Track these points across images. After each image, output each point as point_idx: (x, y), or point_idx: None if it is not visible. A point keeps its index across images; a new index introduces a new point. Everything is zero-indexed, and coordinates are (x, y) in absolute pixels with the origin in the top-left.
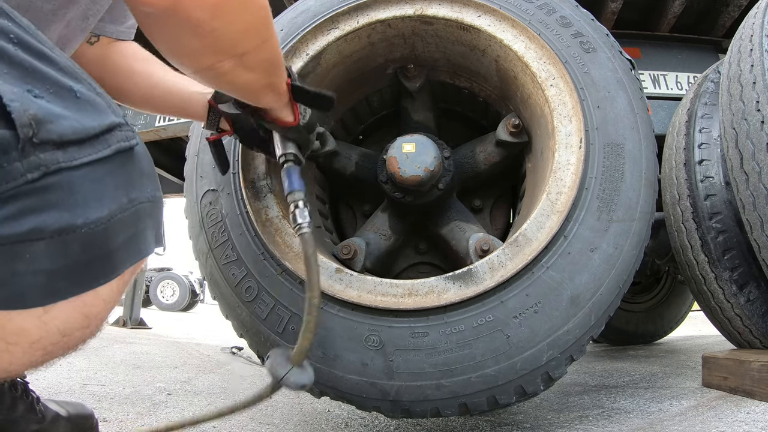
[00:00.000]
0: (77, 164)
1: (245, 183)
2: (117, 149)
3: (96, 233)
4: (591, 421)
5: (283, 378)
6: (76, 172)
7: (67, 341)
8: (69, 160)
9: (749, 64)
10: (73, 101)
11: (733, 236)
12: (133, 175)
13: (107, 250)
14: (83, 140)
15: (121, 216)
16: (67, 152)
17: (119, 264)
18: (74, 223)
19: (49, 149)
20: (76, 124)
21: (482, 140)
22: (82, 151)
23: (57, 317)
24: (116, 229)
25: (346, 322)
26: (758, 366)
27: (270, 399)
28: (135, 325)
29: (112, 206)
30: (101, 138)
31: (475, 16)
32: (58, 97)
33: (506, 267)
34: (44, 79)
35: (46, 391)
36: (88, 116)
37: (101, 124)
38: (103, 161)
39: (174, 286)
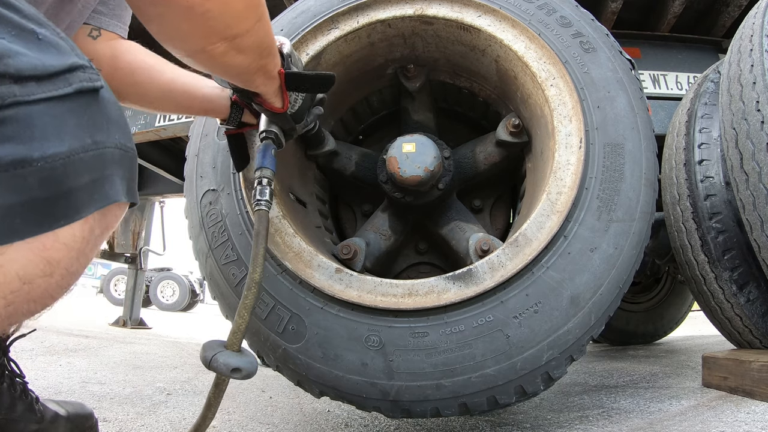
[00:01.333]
0: (35, 99)
1: (245, 183)
2: (79, 88)
3: (54, 168)
4: (591, 421)
5: (211, 359)
6: (33, 107)
7: (29, 290)
8: (26, 95)
9: (749, 64)
10: (35, 42)
11: (733, 236)
12: (97, 118)
13: (66, 188)
14: (42, 76)
15: (83, 156)
16: (24, 87)
17: (81, 205)
18: (30, 155)
19: (6, 83)
20: (36, 62)
21: (482, 140)
22: (40, 87)
23: (14, 260)
24: (77, 168)
25: (346, 322)
26: (758, 366)
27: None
28: (135, 325)
29: (73, 144)
30: (62, 77)
31: (475, 16)
32: (19, 38)
33: (506, 267)
34: (6, 22)
35: (46, 391)
36: (49, 56)
37: (63, 63)
38: (63, 99)
39: (174, 286)
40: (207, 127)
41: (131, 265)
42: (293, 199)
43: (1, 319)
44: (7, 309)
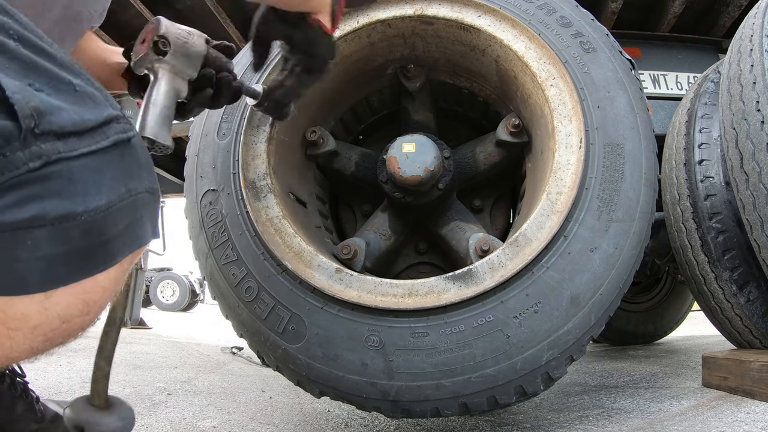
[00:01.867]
0: (77, 154)
1: (245, 183)
2: (115, 141)
3: (95, 221)
4: (591, 421)
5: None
6: (75, 162)
7: (66, 327)
8: (69, 151)
9: (749, 64)
10: (72, 94)
11: (733, 236)
12: (130, 167)
13: (106, 238)
14: (82, 131)
15: (120, 205)
16: (67, 143)
17: (117, 251)
18: (75, 210)
19: (50, 140)
20: (76, 116)
21: (482, 140)
22: (81, 142)
23: (58, 303)
24: (115, 218)
25: (346, 322)
26: (758, 366)
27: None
28: (135, 325)
29: (111, 195)
30: (100, 130)
31: (475, 16)
32: (57, 90)
33: (506, 267)
34: (44, 73)
35: (46, 391)
36: (87, 109)
37: (99, 117)
38: (101, 152)
39: (174, 286)
40: (207, 127)
41: None
42: (293, 199)
43: (37, 351)
44: (44, 344)
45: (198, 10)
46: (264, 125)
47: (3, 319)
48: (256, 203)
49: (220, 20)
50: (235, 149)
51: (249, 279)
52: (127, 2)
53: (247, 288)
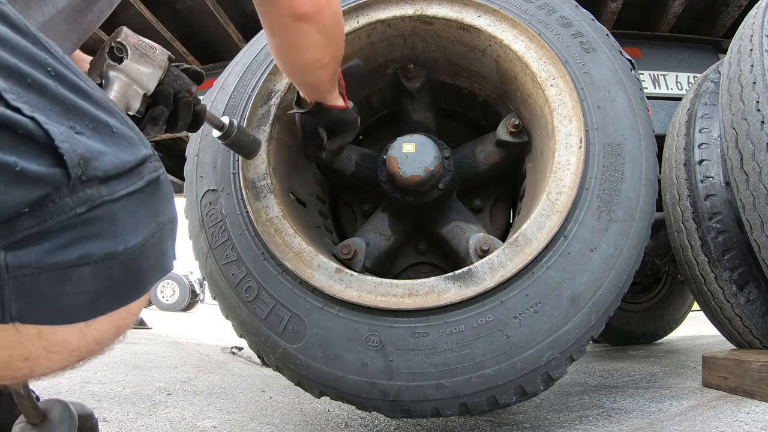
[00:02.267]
0: (117, 197)
1: (245, 183)
2: (148, 180)
3: (134, 258)
4: (591, 421)
5: None
6: (116, 204)
7: (99, 348)
8: (111, 194)
9: (749, 64)
10: (110, 136)
11: (733, 236)
12: (160, 202)
13: (141, 271)
14: (121, 174)
15: (152, 240)
16: (109, 186)
17: (149, 282)
18: (116, 250)
19: (95, 185)
20: (116, 160)
21: (482, 140)
22: (120, 185)
23: (96, 329)
24: (148, 253)
25: (346, 322)
26: (758, 366)
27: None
28: (135, 325)
29: (146, 233)
30: (136, 170)
31: (475, 16)
32: (97, 132)
33: (506, 267)
34: (83, 114)
35: (46, 391)
36: (124, 151)
37: (135, 158)
38: (137, 192)
39: (174, 286)
40: (207, 128)
41: None
42: (293, 199)
43: (69, 368)
44: (77, 362)
45: (198, 10)
46: (264, 125)
47: (45, 345)
48: (256, 203)
49: (220, 20)
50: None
51: (249, 279)
52: (126, 2)
53: (247, 288)
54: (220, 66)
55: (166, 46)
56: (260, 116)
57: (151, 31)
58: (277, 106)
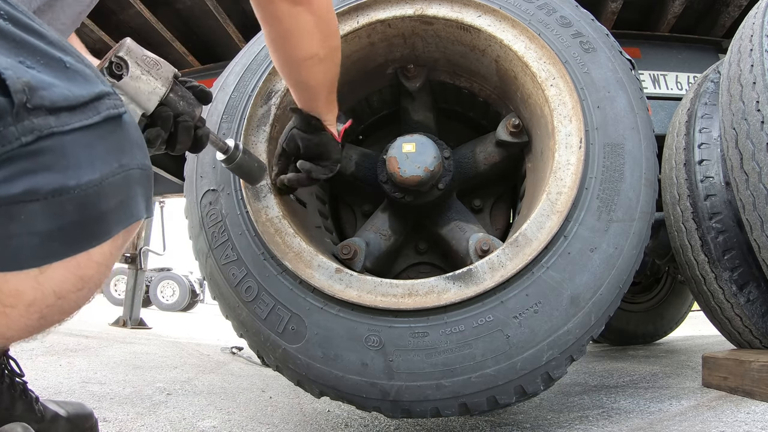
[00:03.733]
0: (69, 129)
1: (245, 183)
2: (106, 116)
3: (88, 195)
4: (591, 421)
5: None
6: (68, 137)
7: (62, 304)
8: (61, 125)
9: (749, 64)
10: (63, 71)
11: (733, 236)
12: (122, 142)
13: (99, 212)
14: (74, 107)
15: (112, 180)
16: (59, 118)
17: (111, 226)
18: (67, 184)
19: (42, 114)
20: (67, 92)
21: (482, 140)
22: (73, 117)
23: (52, 278)
24: (107, 192)
25: (346, 322)
26: (758, 366)
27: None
28: (135, 325)
29: (104, 170)
30: (91, 105)
31: (475, 16)
32: (48, 67)
33: (506, 267)
34: (35, 51)
35: (46, 391)
36: (77, 85)
37: (90, 92)
38: (93, 127)
39: (174, 286)
40: None
41: (131, 265)
42: (293, 199)
43: (33, 329)
44: (39, 321)
45: (198, 10)
46: (264, 125)
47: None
48: (256, 203)
49: (220, 20)
50: None
51: (249, 279)
52: (126, 2)
53: (247, 288)
54: (220, 66)
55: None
56: (260, 116)
57: (151, 31)
58: (277, 106)
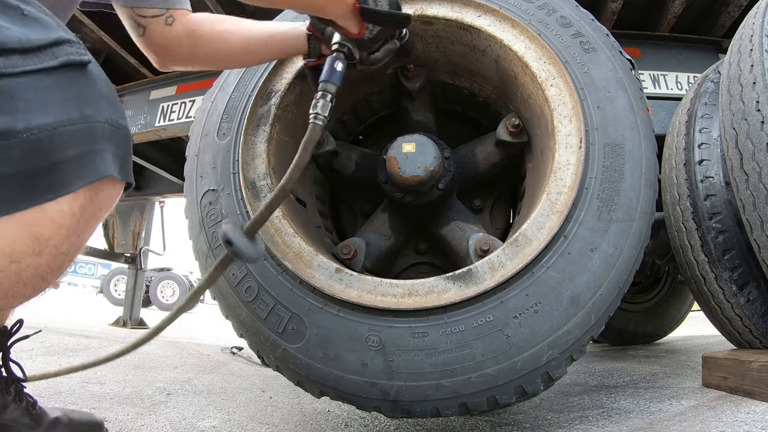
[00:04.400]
0: (19, 71)
1: (245, 183)
2: (65, 62)
3: (39, 140)
4: (591, 421)
5: (234, 246)
6: (18, 79)
7: (17, 269)
8: (11, 67)
9: (749, 64)
10: (20, 17)
11: (733, 236)
12: (86, 92)
13: (53, 161)
14: (27, 50)
15: (71, 128)
16: (9, 59)
17: (69, 179)
18: (14, 127)
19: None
20: (20, 35)
21: (482, 140)
22: (25, 60)
23: (1, 236)
24: (64, 141)
25: (346, 322)
26: (758, 366)
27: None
28: (135, 325)
29: (59, 116)
30: (48, 50)
31: (475, 16)
32: (3, 13)
33: (506, 267)
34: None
35: (46, 391)
36: (33, 30)
37: (48, 38)
38: (49, 71)
39: (174, 286)
40: (207, 127)
41: (131, 265)
42: (293, 199)
43: None
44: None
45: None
46: (264, 125)
47: None
48: (256, 203)
49: None
50: (235, 149)
51: (249, 279)
52: None
53: (247, 288)
54: None
55: None
56: (260, 116)
57: None
58: (277, 105)
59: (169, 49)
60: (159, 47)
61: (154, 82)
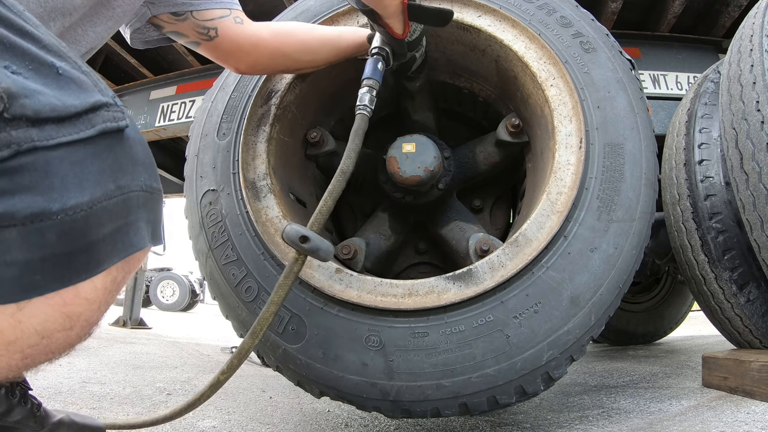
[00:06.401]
0: (54, 144)
1: (245, 183)
2: (102, 130)
3: (75, 221)
4: (591, 421)
5: (285, 229)
6: (52, 153)
7: (47, 344)
8: (45, 139)
9: (749, 64)
10: (54, 78)
11: (733, 236)
12: (122, 160)
13: (89, 241)
14: (63, 118)
15: (107, 204)
16: (43, 130)
17: (104, 258)
18: (49, 208)
19: (23, 126)
20: (55, 101)
21: (482, 140)
22: (60, 131)
23: (33, 316)
24: (100, 218)
25: (346, 322)
26: (758, 366)
27: None
28: (135, 325)
29: (96, 192)
30: (84, 117)
31: (475, 16)
32: (37, 73)
33: (506, 267)
34: (23, 55)
35: (46, 391)
36: (69, 94)
37: (84, 102)
38: (85, 142)
39: (174, 286)
40: (207, 127)
41: None
42: (293, 199)
43: (17, 369)
44: (24, 361)
45: None
46: (264, 125)
47: None
48: (256, 203)
49: None
50: (235, 149)
51: (249, 279)
52: None
53: (247, 288)
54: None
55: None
56: (260, 116)
57: None
58: (277, 105)
59: (255, 48)
60: (241, 49)
61: (154, 82)
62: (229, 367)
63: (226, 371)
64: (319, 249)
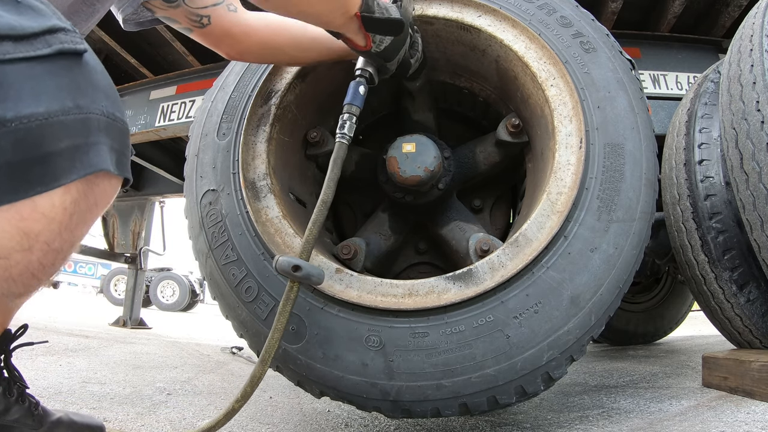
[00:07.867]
0: (10, 58)
1: (245, 183)
2: (59, 50)
3: (29, 130)
4: (591, 421)
5: (277, 261)
6: (8, 66)
7: (6, 265)
8: (1, 54)
9: (749, 64)
10: (13, 5)
11: (733, 236)
12: (81, 82)
13: (44, 152)
14: (19, 37)
15: (64, 118)
16: (0, 46)
17: (61, 172)
18: (3, 115)
19: None
20: (13, 22)
21: (482, 140)
22: (17, 47)
23: None
24: (56, 131)
25: (346, 322)
26: (758, 366)
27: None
28: (135, 325)
29: (52, 105)
30: (41, 38)
31: (475, 16)
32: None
33: (506, 267)
34: None
35: (46, 391)
36: (27, 18)
37: (41, 25)
38: (42, 60)
39: (174, 286)
40: (207, 127)
41: (131, 265)
42: (293, 199)
43: None
44: None
45: None
46: (264, 125)
47: None
48: (256, 203)
49: None
50: (235, 149)
51: (249, 279)
52: None
53: (247, 288)
54: (220, 66)
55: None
56: (260, 116)
57: (152, 30)
58: (277, 105)
59: (247, 37)
60: (233, 37)
61: (154, 82)
62: (243, 396)
63: (240, 399)
64: (311, 275)
